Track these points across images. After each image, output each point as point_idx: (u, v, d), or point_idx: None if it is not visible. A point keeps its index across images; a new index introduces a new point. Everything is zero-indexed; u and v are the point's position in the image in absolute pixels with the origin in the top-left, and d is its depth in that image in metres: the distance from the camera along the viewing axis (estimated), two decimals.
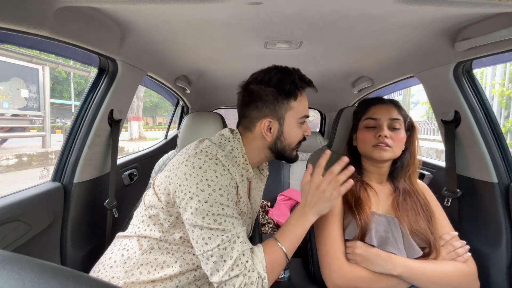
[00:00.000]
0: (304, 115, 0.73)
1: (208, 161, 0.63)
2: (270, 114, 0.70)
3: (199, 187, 0.60)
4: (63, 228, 0.98)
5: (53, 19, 0.67)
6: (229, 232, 0.60)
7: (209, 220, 0.60)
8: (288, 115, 0.71)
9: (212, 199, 0.60)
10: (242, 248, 0.61)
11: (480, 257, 0.92)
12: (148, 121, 25.28)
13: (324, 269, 0.77)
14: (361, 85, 1.56)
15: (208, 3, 0.69)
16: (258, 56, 1.18)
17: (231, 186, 0.64)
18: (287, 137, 0.72)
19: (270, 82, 0.69)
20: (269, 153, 0.75)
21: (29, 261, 0.27)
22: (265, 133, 0.71)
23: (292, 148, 0.75)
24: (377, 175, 0.87)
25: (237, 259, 0.60)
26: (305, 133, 0.75)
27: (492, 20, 0.75)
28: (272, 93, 0.69)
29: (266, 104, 0.70)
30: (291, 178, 2.26)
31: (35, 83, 6.45)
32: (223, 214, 0.61)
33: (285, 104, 0.70)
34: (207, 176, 0.61)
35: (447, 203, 1.01)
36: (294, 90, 0.69)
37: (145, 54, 1.10)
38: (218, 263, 0.59)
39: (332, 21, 0.82)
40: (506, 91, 4.55)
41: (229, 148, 0.71)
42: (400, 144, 0.81)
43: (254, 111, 0.71)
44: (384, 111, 0.83)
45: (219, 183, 0.61)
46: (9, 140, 7.07)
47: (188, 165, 0.63)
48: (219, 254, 0.59)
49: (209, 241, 0.60)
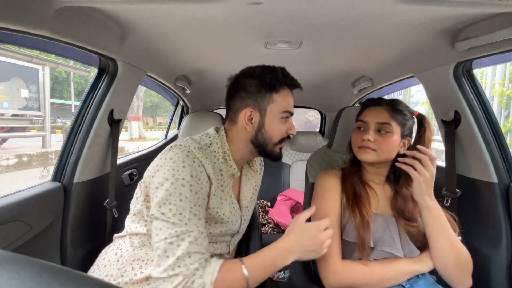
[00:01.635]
0: (287, 110, 0.74)
1: (179, 153, 0.64)
2: (252, 105, 0.72)
3: (165, 176, 0.61)
4: (63, 228, 0.98)
5: (53, 19, 0.67)
6: (179, 227, 0.59)
7: (164, 209, 0.60)
8: (270, 108, 0.72)
9: (172, 188, 0.60)
10: (189, 249, 0.58)
11: (480, 257, 0.92)
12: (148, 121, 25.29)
13: (321, 271, 0.78)
14: (361, 85, 1.56)
15: (208, 3, 0.69)
16: (258, 56, 1.18)
17: (198, 178, 0.64)
18: (268, 129, 0.73)
19: (254, 75, 0.73)
20: (252, 147, 0.75)
21: (29, 261, 0.27)
22: (246, 123, 0.72)
23: (274, 143, 0.75)
24: (375, 175, 0.87)
25: (180, 258, 0.57)
26: (289, 131, 0.76)
27: (492, 20, 0.75)
28: (255, 85, 0.72)
29: (249, 95, 0.72)
30: (291, 178, 2.26)
31: (35, 83, 6.45)
32: (180, 205, 0.60)
33: (268, 97, 0.72)
34: (174, 165, 0.62)
35: (446, 203, 1.01)
36: (276, 83, 0.71)
37: (145, 54, 1.10)
38: (161, 257, 0.58)
39: (332, 21, 0.82)
40: (506, 91, 4.55)
41: (207, 142, 0.73)
42: (388, 148, 0.80)
43: (237, 102, 0.74)
44: (374, 114, 0.83)
45: (183, 173, 0.61)
46: (9, 140, 7.07)
47: (161, 158, 0.65)
48: (164, 248, 0.58)
49: (160, 232, 0.59)
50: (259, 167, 0.93)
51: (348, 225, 0.80)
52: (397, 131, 0.81)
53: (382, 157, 0.81)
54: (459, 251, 0.73)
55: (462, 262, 0.74)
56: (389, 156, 0.82)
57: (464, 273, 0.74)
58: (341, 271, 0.74)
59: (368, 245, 0.75)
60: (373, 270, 0.73)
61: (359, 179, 0.86)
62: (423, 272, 0.76)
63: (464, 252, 0.74)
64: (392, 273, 0.73)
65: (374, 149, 0.80)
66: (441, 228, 0.73)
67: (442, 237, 0.73)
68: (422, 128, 0.84)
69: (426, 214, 0.74)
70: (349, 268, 0.74)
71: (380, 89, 1.61)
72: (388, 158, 0.82)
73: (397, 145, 0.81)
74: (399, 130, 0.81)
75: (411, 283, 0.75)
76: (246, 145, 0.75)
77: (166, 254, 0.58)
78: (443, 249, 0.73)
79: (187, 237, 0.59)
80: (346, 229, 0.80)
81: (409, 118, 0.83)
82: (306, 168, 1.10)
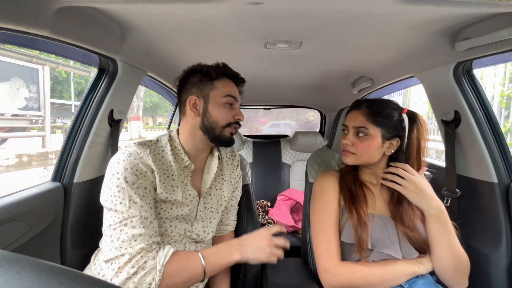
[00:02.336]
0: (229, 94, 0.80)
1: (118, 153, 0.72)
2: (196, 93, 0.79)
3: (107, 174, 0.69)
4: (63, 228, 0.98)
5: (53, 19, 0.67)
6: (121, 214, 0.64)
7: (108, 201, 0.66)
8: (212, 94, 0.79)
9: (110, 182, 0.67)
10: (133, 232, 0.63)
11: (480, 257, 0.92)
12: (148, 121, 25.26)
13: (320, 271, 0.78)
14: (361, 85, 1.56)
15: (208, 3, 0.69)
16: (258, 56, 1.18)
17: (136, 169, 0.69)
18: (212, 114, 0.78)
19: (197, 69, 0.82)
20: (201, 134, 0.80)
21: (29, 261, 0.27)
22: (191, 110, 0.78)
23: (221, 126, 0.79)
24: (372, 176, 0.87)
25: (125, 241, 0.62)
26: (236, 116, 0.81)
27: (492, 20, 0.75)
28: (197, 77, 0.80)
29: (192, 86, 0.80)
30: (291, 178, 2.26)
31: (35, 83, 6.44)
32: (119, 196, 0.65)
33: (209, 85, 0.79)
34: (112, 163, 0.70)
35: (446, 203, 1.01)
36: (215, 73, 0.79)
37: (145, 54, 1.10)
38: (107, 242, 0.64)
39: (332, 21, 0.82)
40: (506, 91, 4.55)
41: (152, 140, 0.79)
42: (367, 152, 0.80)
43: (184, 94, 0.82)
44: (352, 118, 0.84)
45: (117, 168, 0.67)
46: (9, 140, 7.07)
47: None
48: (109, 234, 0.64)
49: (105, 221, 0.66)
50: (229, 157, 0.96)
51: (346, 226, 0.80)
52: (376, 133, 0.79)
53: (362, 160, 0.82)
54: (459, 256, 0.73)
55: (462, 267, 0.74)
56: (371, 158, 0.82)
57: (462, 275, 0.75)
58: (341, 272, 0.74)
59: (366, 246, 0.75)
60: (373, 271, 0.73)
61: (355, 179, 0.86)
62: (422, 273, 0.76)
63: (463, 256, 0.74)
64: (391, 274, 0.73)
65: (353, 153, 0.82)
66: (445, 236, 0.73)
67: (445, 245, 0.73)
68: (411, 127, 0.82)
69: (432, 223, 0.74)
70: (349, 269, 0.74)
71: (380, 89, 1.61)
72: (370, 160, 0.82)
73: (379, 147, 0.80)
74: (378, 132, 0.79)
75: (410, 283, 0.75)
76: (196, 133, 0.80)
77: (111, 239, 0.63)
78: (445, 256, 0.73)
79: (130, 222, 0.64)
80: (344, 231, 0.80)
81: (394, 118, 0.80)
82: (306, 168, 1.10)
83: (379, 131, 0.80)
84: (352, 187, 0.84)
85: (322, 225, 0.81)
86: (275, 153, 2.34)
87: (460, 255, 0.74)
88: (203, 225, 0.85)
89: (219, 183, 0.90)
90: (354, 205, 0.80)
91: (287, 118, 8.37)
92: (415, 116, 0.83)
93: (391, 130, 0.80)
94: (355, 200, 0.81)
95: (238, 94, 0.83)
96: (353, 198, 0.81)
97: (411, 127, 0.82)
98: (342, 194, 0.84)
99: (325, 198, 0.85)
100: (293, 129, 7.33)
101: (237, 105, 0.84)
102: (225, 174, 0.92)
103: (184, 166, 0.79)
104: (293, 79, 1.66)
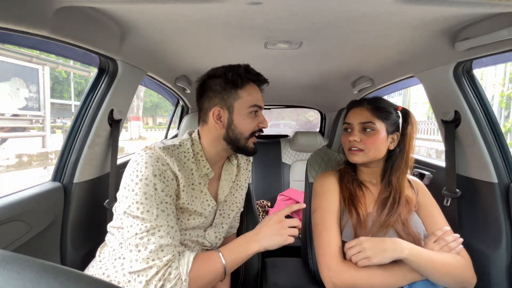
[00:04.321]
0: (254, 104, 0.76)
1: (143, 155, 0.66)
2: (219, 103, 0.74)
3: (130, 177, 0.64)
4: (63, 228, 0.98)
5: (53, 19, 0.67)
6: (148, 222, 0.60)
7: (133, 208, 0.61)
8: (237, 104, 0.74)
9: (137, 188, 0.62)
10: (161, 242, 0.60)
11: (480, 257, 0.92)
12: (148, 121, 25.26)
13: (322, 269, 0.77)
14: (361, 85, 1.56)
15: (208, 3, 0.69)
16: (258, 56, 1.18)
17: (163, 176, 0.65)
18: (237, 125, 0.75)
19: (217, 74, 0.75)
20: (225, 144, 0.77)
21: (29, 261, 0.27)
22: (216, 122, 0.74)
23: (245, 138, 0.76)
24: (371, 175, 0.88)
25: (152, 251, 0.59)
26: (260, 124, 0.78)
27: (492, 20, 0.75)
28: (219, 83, 0.74)
29: (215, 94, 0.75)
30: (291, 178, 2.26)
31: (35, 83, 6.44)
32: (147, 203, 0.61)
33: (233, 94, 0.74)
34: (138, 167, 0.64)
35: (446, 203, 1.01)
36: (238, 79, 0.73)
37: (145, 54, 1.10)
38: (133, 252, 0.60)
39: (332, 21, 0.82)
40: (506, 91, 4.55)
41: (176, 144, 0.74)
42: (375, 146, 0.81)
43: (206, 102, 0.76)
44: (356, 115, 0.85)
45: (146, 173, 0.63)
46: (9, 140, 7.06)
47: (130, 161, 0.68)
48: (135, 243, 0.60)
49: (130, 229, 0.61)
50: (245, 163, 0.93)
51: (346, 226, 0.80)
52: (382, 128, 0.82)
53: (371, 156, 0.82)
54: (456, 272, 0.73)
55: (462, 276, 0.73)
56: (378, 154, 0.83)
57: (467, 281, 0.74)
58: (345, 270, 0.73)
59: None
60: (376, 272, 0.73)
61: (354, 179, 0.86)
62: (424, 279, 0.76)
63: (461, 266, 0.73)
64: (394, 278, 0.73)
65: (362, 149, 0.82)
66: (430, 267, 0.71)
67: (434, 272, 0.71)
68: (405, 123, 0.85)
69: (411, 262, 0.71)
70: (352, 268, 0.74)
71: (380, 89, 1.61)
72: (377, 156, 0.83)
73: (385, 142, 0.82)
74: (383, 127, 0.82)
75: (410, 284, 0.75)
76: (219, 143, 0.77)
77: (137, 249, 0.60)
78: (440, 278, 0.72)
79: (157, 232, 0.61)
80: (345, 230, 0.80)
81: (393, 114, 0.84)
82: (306, 168, 1.10)
83: (384, 126, 0.82)
84: (351, 187, 0.84)
85: (324, 223, 0.81)
86: (275, 153, 2.34)
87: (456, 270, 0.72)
88: (215, 231, 0.84)
89: (235, 189, 0.89)
90: (353, 205, 0.80)
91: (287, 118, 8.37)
92: (409, 114, 0.87)
93: (392, 125, 0.84)
94: (355, 200, 0.81)
95: (261, 100, 0.79)
96: (352, 198, 0.82)
97: (405, 123, 0.85)
98: (342, 194, 0.84)
99: (327, 197, 0.85)
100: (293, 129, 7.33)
101: (261, 111, 0.80)
102: (241, 180, 0.91)
103: (204, 174, 0.76)
104: (293, 79, 1.66)
